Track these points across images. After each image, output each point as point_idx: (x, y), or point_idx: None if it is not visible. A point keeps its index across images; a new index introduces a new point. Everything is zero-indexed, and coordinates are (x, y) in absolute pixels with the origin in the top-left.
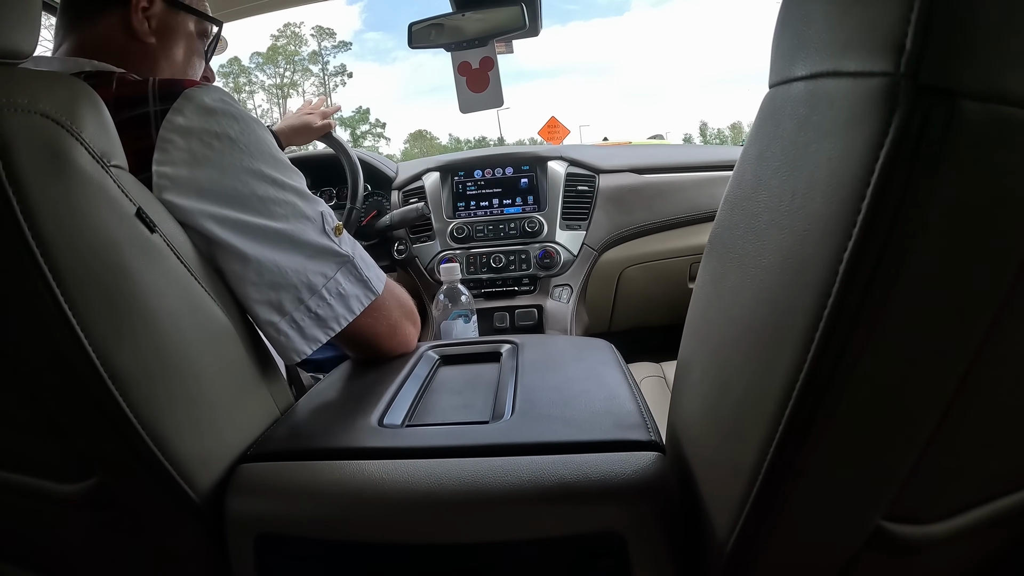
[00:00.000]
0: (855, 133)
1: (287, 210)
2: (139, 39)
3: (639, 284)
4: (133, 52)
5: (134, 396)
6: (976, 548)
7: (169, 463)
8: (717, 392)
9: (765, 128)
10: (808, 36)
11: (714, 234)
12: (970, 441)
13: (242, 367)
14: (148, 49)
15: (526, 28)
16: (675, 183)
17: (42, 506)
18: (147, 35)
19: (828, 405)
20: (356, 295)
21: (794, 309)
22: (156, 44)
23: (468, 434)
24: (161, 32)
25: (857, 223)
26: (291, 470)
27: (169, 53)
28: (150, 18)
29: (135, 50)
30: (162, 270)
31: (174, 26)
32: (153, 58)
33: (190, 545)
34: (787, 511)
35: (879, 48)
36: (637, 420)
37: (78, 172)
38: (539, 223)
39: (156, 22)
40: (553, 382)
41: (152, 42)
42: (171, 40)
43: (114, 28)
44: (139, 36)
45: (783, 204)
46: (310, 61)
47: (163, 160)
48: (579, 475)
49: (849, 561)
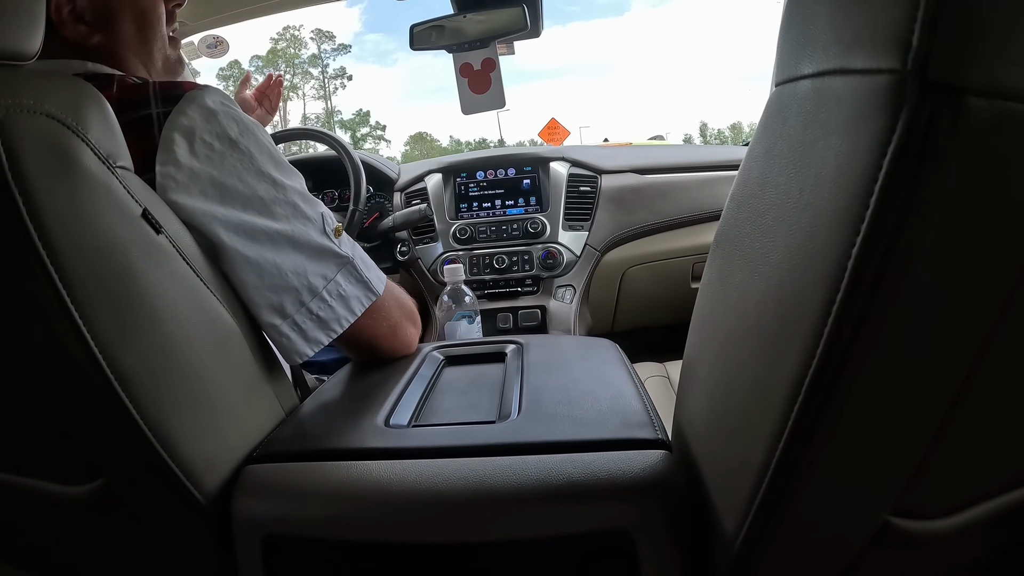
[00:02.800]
0: (862, 130)
1: (288, 211)
2: (83, 21)
3: (642, 284)
4: (85, 49)
5: (140, 398)
6: (982, 544)
7: (175, 465)
8: (724, 389)
9: (771, 126)
10: (814, 34)
11: (720, 232)
12: (976, 436)
13: (248, 368)
14: (87, 39)
15: (527, 29)
16: (677, 183)
17: (48, 509)
18: (73, 27)
19: (836, 401)
20: (357, 296)
21: (802, 305)
22: (100, 36)
23: (475, 434)
24: (96, 21)
25: (865, 219)
26: (298, 471)
27: (142, 36)
28: (72, 3)
29: (85, 46)
30: (168, 271)
31: (106, 4)
32: (109, 51)
33: (196, 547)
34: (795, 507)
35: (886, 45)
36: (644, 418)
37: (84, 173)
38: (542, 224)
39: (87, 5)
40: (559, 382)
41: (82, 31)
42: (109, 24)
43: (69, 21)
44: (65, 25)
45: (790, 201)
46: (310, 64)
47: (166, 160)
48: (587, 474)
49: (856, 556)
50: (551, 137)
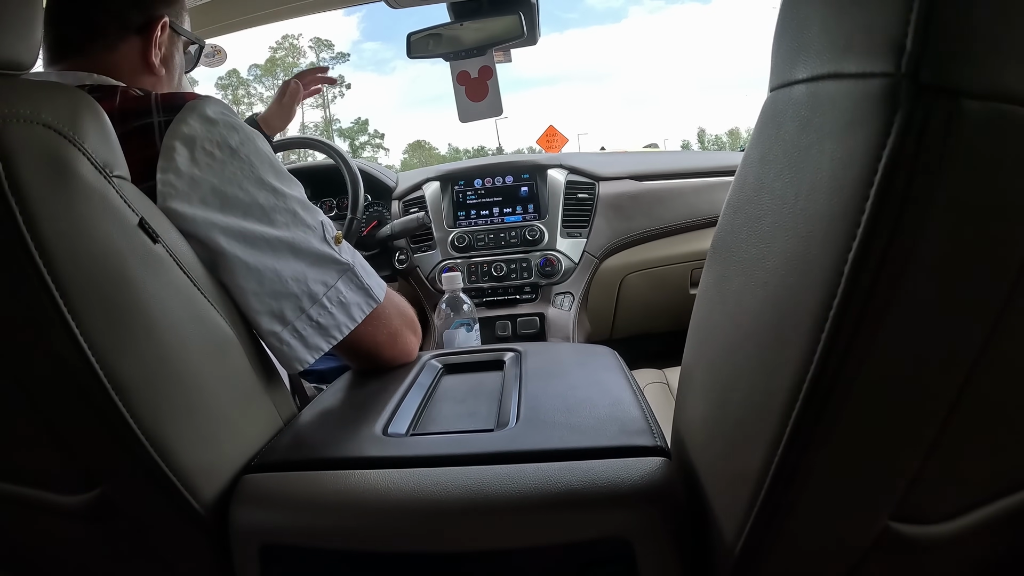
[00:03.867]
0: (857, 134)
1: (288, 218)
2: (151, 71)
3: (640, 291)
4: (141, 80)
5: (137, 407)
6: (983, 548)
7: (173, 474)
8: (722, 396)
9: (767, 131)
10: (807, 39)
11: (717, 238)
12: (976, 440)
13: (245, 377)
14: (157, 79)
15: (524, 37)
16: (674, 189)
17: (44, 518)
18: (159, 68)
19: (834, 406)
20: (357, 303)
21: (799, 311)
22: (163, 75)
23: (473, 442)
24: (165, 61)
25: (861, 223)
26: (296, 480)
27: (170, 77)
28: (160, 49)
29: (144, 79)
30: (165, 280)
31: (173, 51)
32: (156, 81)
33: (194, 557)
34: (794, 514)
35: (879, 49)
36: (642, 425)
37: (80, 182)
38: (540, 231)
39: (164, 52)
40: (557, 389)
41: (162, 74)
42: (171, 65)
43: (132, 56)
44: (152, 69)
45: (786, 207)
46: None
47: (167, 168)
48: (586, 481)
49: (857, 562)
50: (549, 144)
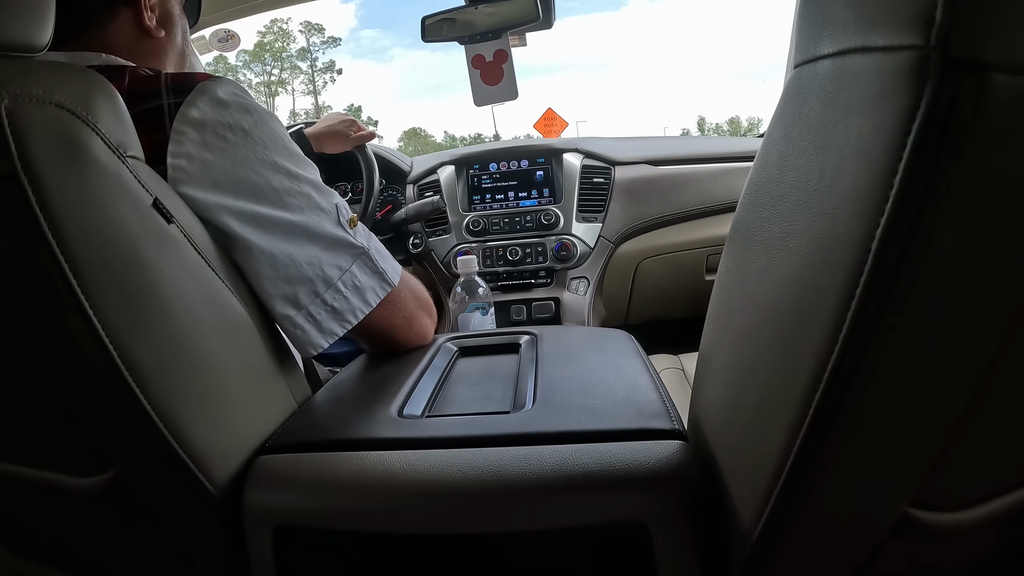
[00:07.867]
0: (885, 108)
1: (302, 202)
2: (150, 35)
3: (655, 276)
4: (143, 49)
5: (151, 388)
6: (1002, 536)
7: (186, 455)
8: (741, 379)
9: (790, 108)
10: (832, 13)
11: (737, 219)
12: (1000, 425)
13: (259, 359)
14: (157, 43)
15: (539, 20)
16: (690, 175)
17: (58, 500)
18: (157, 30)
19: (857, 388)
20: (372, 287)
21: (823, 290)
22: (164, 37)
23: (490, 424)
24: (164, 22)
25: (889, 198)
26: (310, 461)
27: (173, 41)
28: (154, 12)
29: (145, 47)
30: (179, 261)
31: (169, 9)
32: (162, 50)
33: (208, 538)
34: (814, 499)
35: (907, 21)
36: (660, 409)
37: (94, 162)
38: (555, 215)
39: (159, 13)
40: (573, 372)
41: (161, 36)
42: (171, 27)
43: (126, 28)
44: (150, 33)
45: (811, 184)
46: (298, 58)
47: (177, 152)
48: (603, 464)
49: (875, 548)
50: (547, 129)
